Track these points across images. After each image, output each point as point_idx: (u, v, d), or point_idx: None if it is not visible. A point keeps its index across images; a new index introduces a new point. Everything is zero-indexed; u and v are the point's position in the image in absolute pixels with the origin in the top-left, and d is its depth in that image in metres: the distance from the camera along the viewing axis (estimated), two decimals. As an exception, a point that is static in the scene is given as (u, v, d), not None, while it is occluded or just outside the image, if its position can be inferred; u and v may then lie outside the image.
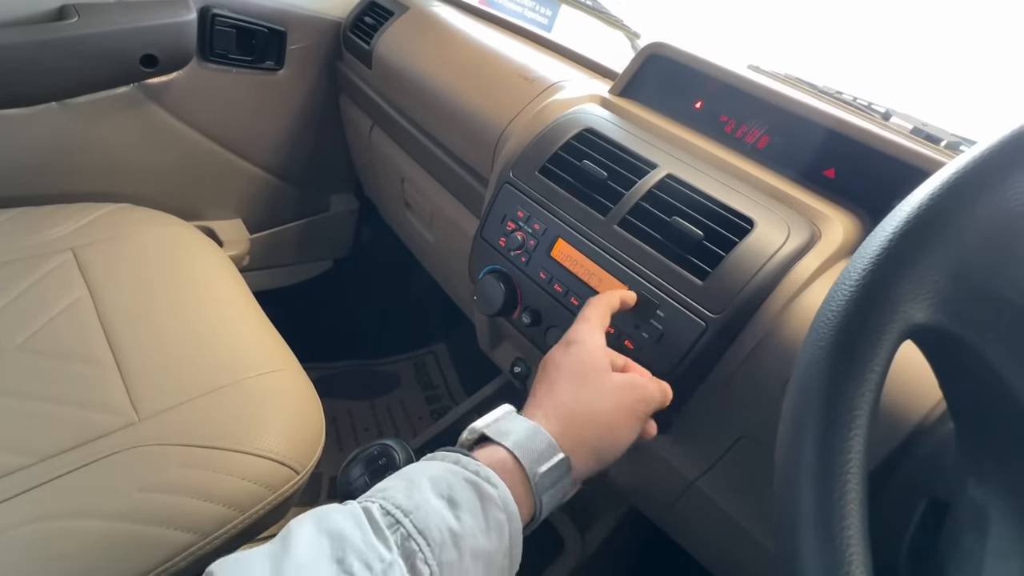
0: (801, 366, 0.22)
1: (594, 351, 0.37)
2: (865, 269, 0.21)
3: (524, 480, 0.30)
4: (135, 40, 0.73)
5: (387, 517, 0.26)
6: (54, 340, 0.58)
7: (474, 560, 0.26)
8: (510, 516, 0.28)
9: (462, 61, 0.74)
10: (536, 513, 0.31)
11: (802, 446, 0.20)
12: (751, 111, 0.57)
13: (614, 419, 0.34)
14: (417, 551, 0.25)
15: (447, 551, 0.25)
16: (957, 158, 0.23)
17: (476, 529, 0.27)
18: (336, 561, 0.24)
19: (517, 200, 0.55)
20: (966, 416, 0.24)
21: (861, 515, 0.19)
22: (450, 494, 0.27)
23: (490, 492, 0.28)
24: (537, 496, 0.30)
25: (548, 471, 0.30)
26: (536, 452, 0.30)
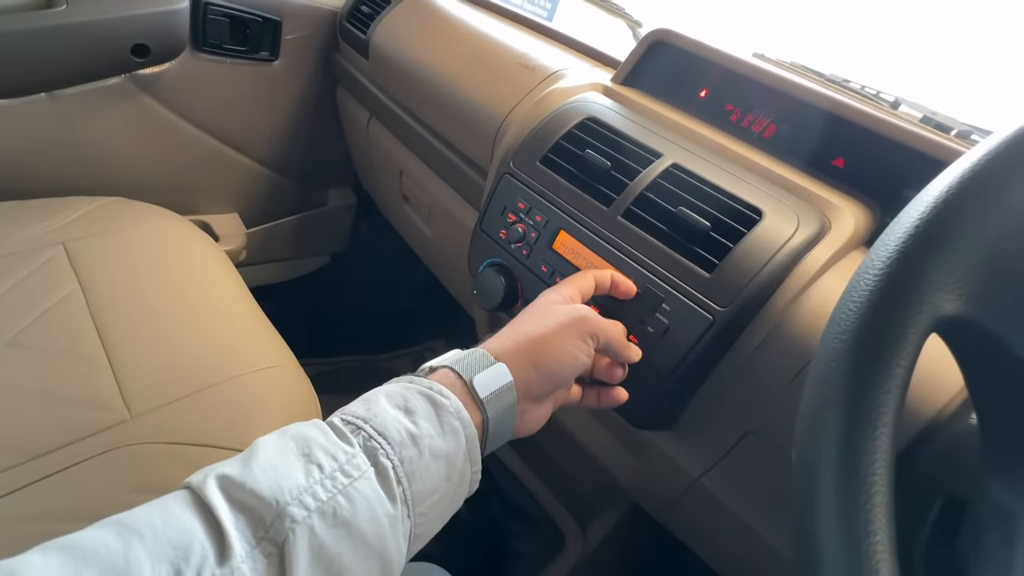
0: (821, 360, 0.21)
1: (542, 299, 0.39)
2: (891, 257, 0.20)
3: (472, 398, 0.32)
4: (126, 29, 0.72)
5: (348, 425, 0.28)
6: (44, 336, 0.56)
7: (434, 458, 0.28)
8: (464, 423, 0.30)
9: (461, 50, 0.73)
10: (485, 420, 0.32)
11: (824, 446, 0.19)
12: (757, 100, 0.55)
13: (553, 333, 0.36)
14: (379, 448, 0.27)
15: (407, 448, 0.27)
16: (987, 140, 0.22)
17: (433, 432, 0.29)
18: (303, 455, 0.26)
19: (518, 191, 0.54)
20: (993, 414, 0.23)
21: (888, 520, 0.18)
22: (405, 404, 0.30)
23: (442, 401, 0.30)
24: (480, 402, 0.32)
25: (486, 376, 0.32)
26: (472, 365, 0.33)
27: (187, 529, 0.22)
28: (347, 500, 0.25)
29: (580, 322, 0.37)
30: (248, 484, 0.24)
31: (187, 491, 0.25)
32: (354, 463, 0.26)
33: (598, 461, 0.65)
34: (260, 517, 0.23)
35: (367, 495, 0.25)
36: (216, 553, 0.22)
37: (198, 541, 0.22)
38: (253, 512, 0.23)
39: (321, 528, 0.24)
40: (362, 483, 0.25)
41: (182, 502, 0.24)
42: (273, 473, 0.24)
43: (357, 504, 0.25)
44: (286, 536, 0.23)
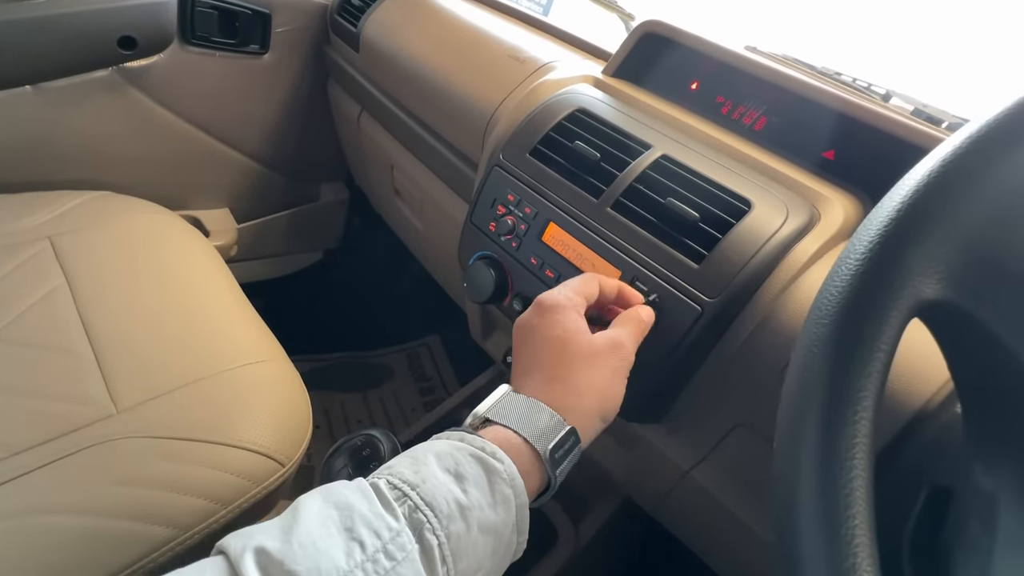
0: (803, 346, 0.21)
1: (568, 312, 0.36)
2: (872, 241, 0.20)
3: (532, 456, 0.30)
4: (112, 21, 0.71)
5: (394, 491, 0.26)
6: (29, 330, 0.56)
7: (482, 533, 0.27)
8: (516, 491, 0.28)
9: (451, 42, 0.72)
10: (551, 484, 0.31)
11: (804, 430, 0.19)
12: (748, 92, 0.55)
13: (607, 383, 0.35)
14: (425, 522, 0.25)
15: (455, 523, 0.26)
16: (965, 126, 0.22)
17: (483, 502, 0.27)
18: (345, 530, 0.24)
19: (507, 183, 0.54)
20: (976, 399, 0.23)
21: (868, 503, 0.18)
22: (456, 468, 0.27)
23: (496, 466, 0.28)
24: (552, 471, 0.30)
25: (558, 444, 0.31)
26: (541, 427, 0.31)
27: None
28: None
29: (624, 363, 0.36)
30: (287, 563, 0.22)
31: (225, 562, 0.23)
32: (398, 542, 0.24)
33: (589, 455, 0.65)
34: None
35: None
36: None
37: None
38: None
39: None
40: (405, 567, 0.24)
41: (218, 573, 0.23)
42: (313, 550, 0.23)
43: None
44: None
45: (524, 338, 0.37)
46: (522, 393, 0.33)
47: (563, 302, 0.37)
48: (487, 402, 0.33)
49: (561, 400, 0.33)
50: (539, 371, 0.35)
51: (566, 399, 0.33)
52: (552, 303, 0.37)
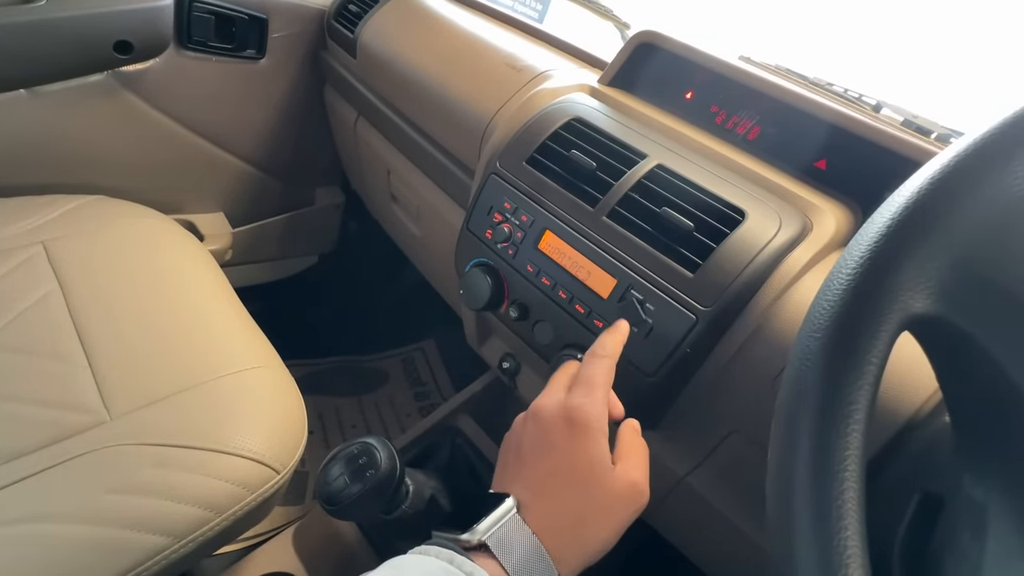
0: (796, 359, 0.21)
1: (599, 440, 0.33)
2: (863, 256, 0.20)
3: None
4: (108, 25, 0.71)
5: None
6: (22, 336, 0.55)
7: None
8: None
9: (448, 50, 0.73)
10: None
11: (797, 442, 0.19)
12: (742, 102, 0.56)
13: (614, 533, 0.33)
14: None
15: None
16: (958, 141, 0.22)
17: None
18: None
19: (504, 191, 0.54)
20: (965, 411, 0.23)
21: (859, 514, 0.18)
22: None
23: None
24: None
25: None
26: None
27: None
28: None
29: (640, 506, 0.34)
30: None
31: None
32: None
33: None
34: None
35: None
36: None
37: None
38: None
39: None
40: None
41: None
42: None
43: None
44: None
45: (543, 443, 0.34)
46: (528, 525, 0.31)
47: (595, 424, 0.33)
48: (489, 522, 0.31)
49: (567, 553, 0.31)
50: (553, 502, 0.32)
51: (571, 553, 0.31)
52: (585, 422, 0.33)
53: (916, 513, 0.30)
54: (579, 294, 0.48)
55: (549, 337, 0.52)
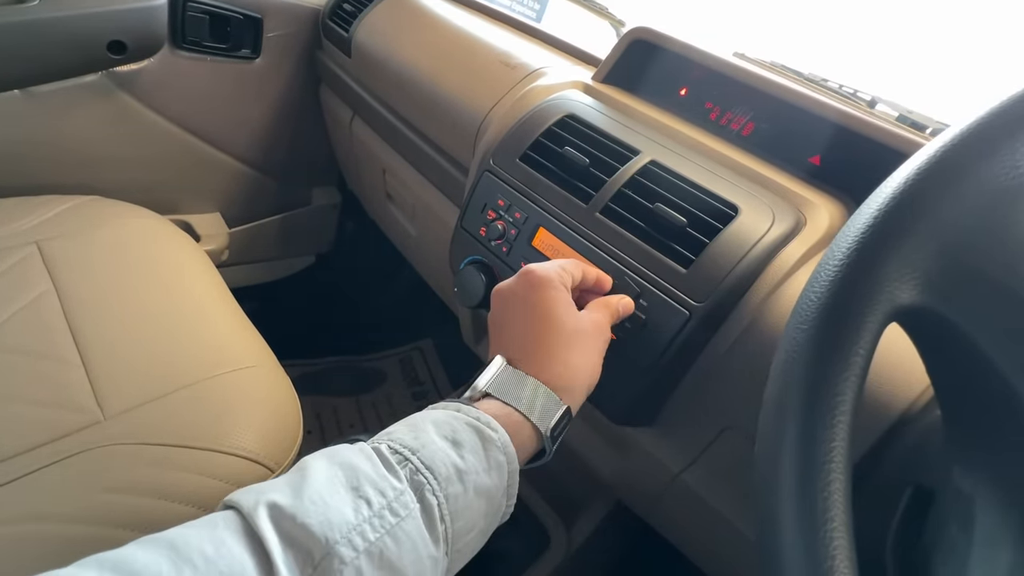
0: (783, 351, 0.21)
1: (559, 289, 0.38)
2: (849, 248, 0.20)
3: (527, 429, 0.32)
4: (101, 25, 0.70)
5: (395, 455, 0.28)
6: (16, 337, 0.55)
7: (477, 496, 0.28)
8: (509, 458, 0.30)
9: (442, 48, 0.73)
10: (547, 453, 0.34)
11: (783, 434, 0.19)
12: (737, 98, 0.56)
13: (592, 363, 0.37)
14: (425, 483, 0.27)
15: (453, 485, 0.27)
16: (943, 133, 0.22)
17: (479, 467, 0.29)
18: (352, 489, 0.25)
19: (498, 188, 0.54)
20: (954, 402, 0.23)
21: (845, 506, 0.18)
22: (454, 436, 0.29)
23: (491, 435, 0.30)
24: (550, 447, 0.33)
25: (557, 423, 0.33)
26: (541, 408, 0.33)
27: (238, 561, 0.22)
28: (394, 542, 0.25)
29: (605, 340, 0.39)
30: (299, 517, 0.24)
31: (237, 516, 0.24)
32: (402, 500, 0.26)
33: (581, 458, 0.65)
34: (309, 553, 0.23)
35: (413, 537, 0.25)
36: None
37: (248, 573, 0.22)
38: (302, 547, 0.23)
39: (368, 570, 0.24)
40: (408, 523, 0.25)
41: (233, 529, 0.24)
42: (323, 506, 0.24)
43: (403, 546, 0.25)
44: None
45: (512, 309, 0.38)
46: (519, 369, 0.35)
47: (554, 278, 0.38)
48: (486, 376, 0.34)
49: (558, 380, 0.34)
50: (533, 346, 0.36)
51: (562, 379, 0.35)
52: (543, 277, 0.38)
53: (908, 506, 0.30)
54: (573, 291, 0.48)
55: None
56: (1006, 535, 0.20)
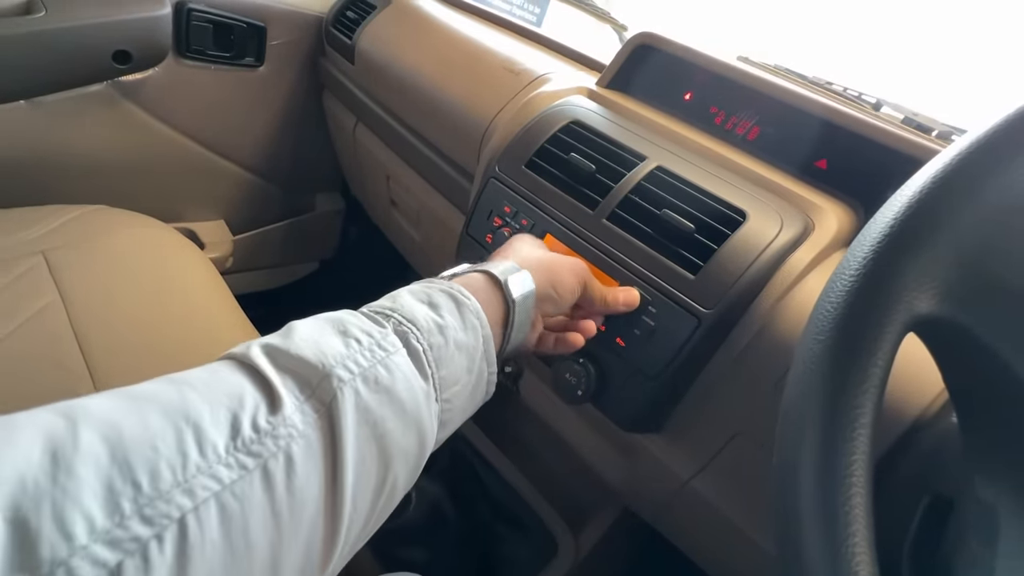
0: (800, 362, 0.21)
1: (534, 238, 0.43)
2: (866, 257, 0.20)
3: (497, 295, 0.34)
4: (106, 35, 0.71)
5: (378, 313, 0.29)
6: (23, 347, 0.55)
7: (458, 349, 0.29)
8: (482, 323, 0.31)
9: (446, 54, 0.73)
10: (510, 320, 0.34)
11: (803, 447, 0.19)
12: (741, 102, 0.55)
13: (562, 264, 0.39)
14: (409, 332, 0.28)
15: (434, 336, 0.28)
16: (960, 139, 0.22)
17: (456, 325, 0.30)
18: (340, 332, 0.26)
19: (503, 195, 0.54)
20: (973, 412, 0.23)
21: (867, 520, 0.18)
22: (429, 299, 0.31)
23: (464, 300, 0.31)
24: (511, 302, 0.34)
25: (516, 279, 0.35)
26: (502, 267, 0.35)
27: (237, 383, 0.23)
28: (386, 370, 0.25)
29: (579, 266, 0.41)
30: (292, 351, 0.24)
31: (230, 359, 0.25)
32: (389, 340, 0.27)
33: (589, 465, 0.65)
34: (306, 378, 0.24)
35: (403, 368, 0.26)
36: (267, 404, 0.22)
37: (249, 393, 0.22)
38: (299, 374, 0.24)
39: (365, 391, 0.24)
40: (398, 357, 0.26)
41: (227, 366, 0.24)
42: (315, 343, 0.25)
43: (395, 375, 0.26)
44: (333, 394, 0.23)
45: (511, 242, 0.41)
46: None
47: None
48: (459, 267, 0.37)
49: (523, 263, 0.37)
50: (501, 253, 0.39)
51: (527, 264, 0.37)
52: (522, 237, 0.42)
53: (925, 516, 0.30)
54: (580, 297, 0.48)
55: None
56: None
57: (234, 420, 0.21)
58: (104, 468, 0.18)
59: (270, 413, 0.22)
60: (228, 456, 0.20)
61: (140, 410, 0.20)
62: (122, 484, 0.18)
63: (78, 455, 0.18)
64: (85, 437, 0.18)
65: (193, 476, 0.19)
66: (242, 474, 0.20)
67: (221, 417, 0.21)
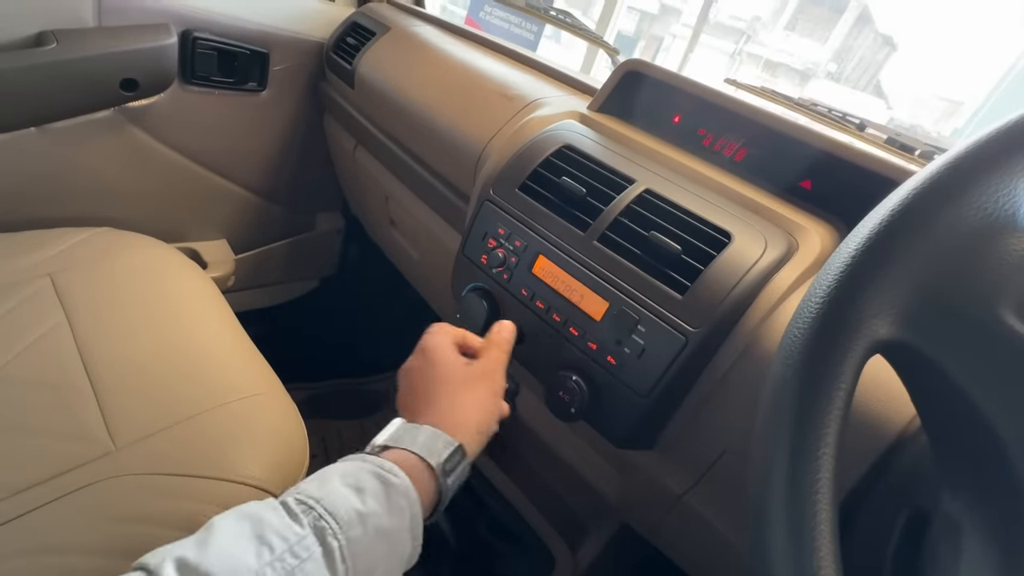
0: (770, 385, 0.22)
1: (445, 350, 0.44)
2: (829, 286, 0.22)
3: (426, 471, 0.35)
4: (115, 65, 0.73)
5: (300, 505, 0.30)
6: (29, 368, 0.57)
7: (377, 536, 0.30)
8: (411, 502, 0.33)
9: (443, 80, 0.75)
10: (443, 495, 0.36)
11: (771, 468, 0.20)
12: (728, 124, 0.57)
13: (485, 405, 0.42)
14: (327, 528, 0.29)
15: (354, 528, 0.29)
16: (916, 175, 0.23)
17: (380, 510, 0.31)
18: (256, 537, 0.27)
19: (498, 218, 0.55)
20: (937, 430, 0.24)
21: (832, 537, 0.19)
22: (357, 483, 0.32)
23: (393, 480, 0.32)
24: (443, 480, 0.36)
25: (448, 458, 0.36)
26: (431, 447, 0.36)
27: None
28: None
29: (495, 382, 0.44)
30: (203, 567, 0.25)
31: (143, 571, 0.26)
32: (304, 544, 0.28)
33: (586, 481, 0.66)
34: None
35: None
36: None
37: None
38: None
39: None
40: (309, 565, 0.27)
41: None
42: (227, 556, 0.26)
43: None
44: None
45: (412, 380, 0.43)
46: (415, 422, 0.38)
47: (439, 342, 0.44)
48: (384, 433, 0.38)
49: (449, 423, 0.38)
50: (426, 403, 0.40)
51: (452, 421, 0.38)
52: (431, 344, 0.44)
53: (904, 529, 0.31)
54: (572, 317, 0.49)
55: (544, 359, 0.53)
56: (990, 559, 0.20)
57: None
58: None
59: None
60: None
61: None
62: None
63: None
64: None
65: None
66: None
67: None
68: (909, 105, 11.63)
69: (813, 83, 11.86)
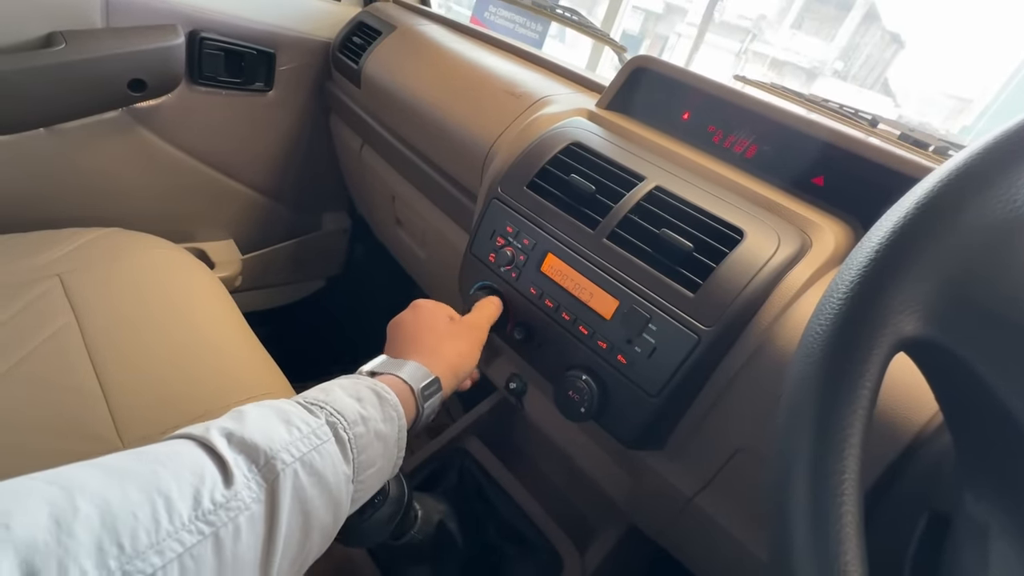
0: (791, 384, 0.21)
1: (434, 310, 0.50)
2: (853, 282, 0.21)
3: (408, 394, 0.40)
4: (123, 65, 0.73)
5: (314, 405, 0.35)
6: (38, 369, 0.57)
7: (377, 438, 0.36)
8: (399, 415, 0.38)
9: (449, 79, 0.75)
10: (420, 413, 0.41)
11: (794, 468, 0.19)
12: (738, 121, 0.57)
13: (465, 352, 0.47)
14: (338, 423, 0.33)
15: (358, 426, 0.34)
16: (941, 166, 0.23)
17: (377, 417, 0.36)
18: (283, 421, 0.32)
19: (506, 216, 0.55)
20: (962, 430, 0.23)
21: (859, 539, 0.18)
22: (356, 394, 0.37)
23: (385, 395, 0.38)
24: (421, 403, 0.41)
25: (426, 386, 0.42)
26: (416, 377, 0.42)
27: (199, 462, 0.27)
28: (320, 456, 0.31)
29: (478, 335, 0.50)
30: (245, 435, 0.29)
31: (190, 439, 0.29)
32: (322, 430, 0.32)
33: (594, 481, 0.65)
34: (255, 459, 0.29)
35: (333, 455, 0.32)
36: (223, 479, 0.27)
37: (208, 470, 0.27)
38: (249, 454, 0.29)
39: (302, 473, 0.30)
40: (329, 446, 0.32)
41: (188, 445, 0.29)
42: (263, 429, 0.30)
43: (326, 461, 0.31)
44: (277, 474, 0.29)
45: (400, 327, 0.49)
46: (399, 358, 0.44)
47: (431, 304, 0.50)
48: (371, 363, 0.44)
49: (428, 361, 0.44)
50: (412, 345, 0.46)
51: (431, 361, 0.44)
52: (423, 303, 0.50)
53: (924, 532, 0.30)
54: (582, 315, 0.49)
55: (553, 358, 0.52)
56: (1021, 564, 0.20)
57: (196, 493, 0.26)
58: (96, 532, 0.22)
59: (224, 487, 0.27)
60: (191, 524, 0.25)
61: (122, 483, 0.24)
62: (109, 545, 0.22)
63: (77, 521, 0.22)
64: (82, 506, 0.22)
65: (163, 540, 0.24)
66: (200, 539, 0.25)
67: (186, 491, 0.25)
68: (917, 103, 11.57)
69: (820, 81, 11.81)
